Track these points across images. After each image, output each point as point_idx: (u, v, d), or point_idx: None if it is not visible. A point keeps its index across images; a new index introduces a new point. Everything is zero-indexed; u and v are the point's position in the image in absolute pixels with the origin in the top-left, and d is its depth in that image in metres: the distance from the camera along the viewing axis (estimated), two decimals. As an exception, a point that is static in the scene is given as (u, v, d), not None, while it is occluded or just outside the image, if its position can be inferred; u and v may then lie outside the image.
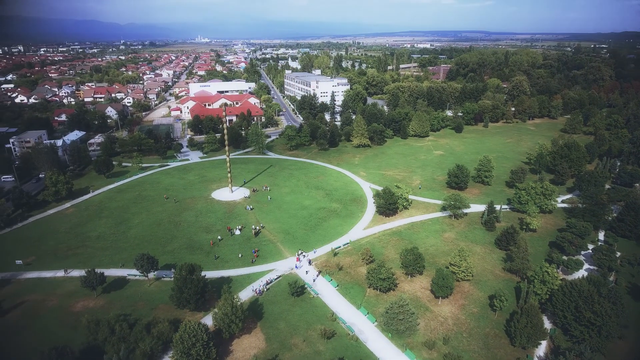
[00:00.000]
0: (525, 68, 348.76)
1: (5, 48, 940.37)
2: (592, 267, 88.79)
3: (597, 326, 65.28)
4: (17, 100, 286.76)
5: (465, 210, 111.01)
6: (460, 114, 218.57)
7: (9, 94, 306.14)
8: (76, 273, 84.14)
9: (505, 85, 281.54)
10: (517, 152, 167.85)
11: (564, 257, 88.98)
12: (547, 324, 72.06)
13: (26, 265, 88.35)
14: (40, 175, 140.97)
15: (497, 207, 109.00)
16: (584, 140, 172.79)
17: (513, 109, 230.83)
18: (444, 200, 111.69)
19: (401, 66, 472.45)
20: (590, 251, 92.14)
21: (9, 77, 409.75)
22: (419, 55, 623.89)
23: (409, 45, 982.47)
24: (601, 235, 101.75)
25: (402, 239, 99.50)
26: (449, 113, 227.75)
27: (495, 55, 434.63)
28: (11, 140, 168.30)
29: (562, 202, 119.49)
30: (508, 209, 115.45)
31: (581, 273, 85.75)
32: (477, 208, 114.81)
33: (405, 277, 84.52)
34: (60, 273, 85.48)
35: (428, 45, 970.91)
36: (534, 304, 68.76)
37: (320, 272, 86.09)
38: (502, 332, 70.61)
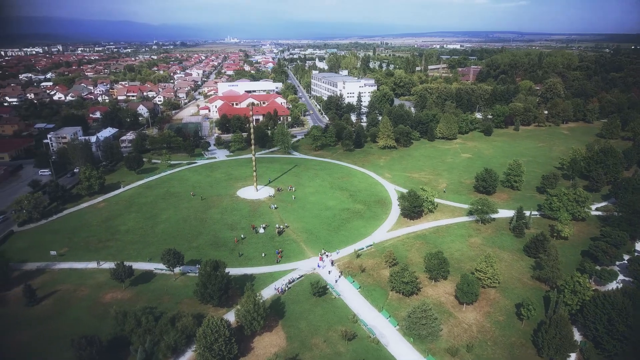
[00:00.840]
0: (560, 70, 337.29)
1: (46, 47, 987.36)
2: (627, 279, 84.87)
3: (632, 341, 62.34)
4: (55, 98, 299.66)
5: (493, 216, 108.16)
6: (490, 116, 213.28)
7: (47, 91, 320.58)
8: (107, 265, 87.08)
9: (538, 88, 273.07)
10: (550, 157, 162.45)
11: (597, 267, 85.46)
12: (577, 336, 69.28)
13: (60, 255, 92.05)
14: (75, 170, 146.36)
15: (527, 213, 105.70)
16: (622, 145, 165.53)
17: (546, 112, 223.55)
18: (471, 204, 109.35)
19: (430, 67, 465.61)
20: (626, 262, 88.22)
21: (49, 76, 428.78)
22: (448, 56, 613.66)
23: (438, 46, 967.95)
24: (638, 246, 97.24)
25: (427, 243, 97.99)
26: (478, 115, 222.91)
27: (528, 57, 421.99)
28: (49, 136, 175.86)
29: (597, 209, 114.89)
30: (538, 216, 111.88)
31: (615, 284, 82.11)
32: (506, 213, 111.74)
33: (429, 282, 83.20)
34: (91, 264, 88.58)
35: (458, 46, 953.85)
36: (563, 314, 66.23)
37: (342, 273, 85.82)
38: (529, 342, 68.39)
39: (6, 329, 69.92)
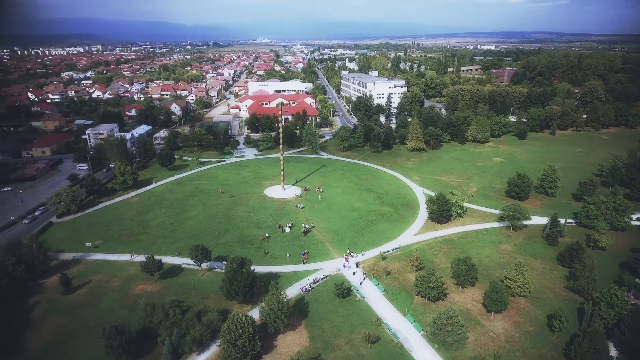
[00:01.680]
0: (601, 72, 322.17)
1: (86, 47, 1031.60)
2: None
3: (674, 360, 58.86)
4: (94, 95, 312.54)
5: (525, 222, 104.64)
6: (524, 119, 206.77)
7: (87, 89, 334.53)
8: (138, 258, 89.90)
9: (577, 91, 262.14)
10: (587, 163, 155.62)
11: (637, 280, 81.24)
12: (613, 351, 66.04)
13: (94, 247, 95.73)
14: (111, 165, 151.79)
15: (562, 220, 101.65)
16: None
17: (585, 116, 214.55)
18: (502, 210, 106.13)
19: (462, 68, 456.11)
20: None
21: (88, 74, 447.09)
22: (482, 57, 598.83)
23: (471, 47, 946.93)
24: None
25: (455, 248, 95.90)
26: (512, 118, 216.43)
27: (567, 58, 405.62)
28: (87, 132, 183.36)
29: (638, 219, 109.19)
30: (574, 224, 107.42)
31: (657, 299, 77.74)
32: (539, 220, 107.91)
33: (455, 288, 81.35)
34: (123, 257, 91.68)
35: (492, 47, 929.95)
36: (598, 328, 63.26)
37: (366, 275, 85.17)
38: (561, 355, 65.74)
39: (44, 314, 73.59)
